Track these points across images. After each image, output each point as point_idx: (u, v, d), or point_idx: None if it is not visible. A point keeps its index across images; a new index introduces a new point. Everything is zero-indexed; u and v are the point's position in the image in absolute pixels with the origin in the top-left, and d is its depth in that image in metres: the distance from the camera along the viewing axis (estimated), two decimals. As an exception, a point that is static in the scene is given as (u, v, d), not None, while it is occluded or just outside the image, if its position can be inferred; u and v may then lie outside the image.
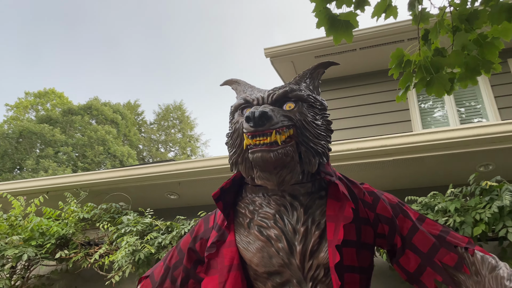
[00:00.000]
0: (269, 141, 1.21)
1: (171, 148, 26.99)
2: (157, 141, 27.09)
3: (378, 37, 5.36)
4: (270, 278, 1.26)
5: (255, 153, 1.20)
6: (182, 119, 27.36)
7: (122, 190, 4.03)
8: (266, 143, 1.20)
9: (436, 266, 1.27)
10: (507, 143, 3.06)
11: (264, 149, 1.19)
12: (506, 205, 2.42)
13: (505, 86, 4.95)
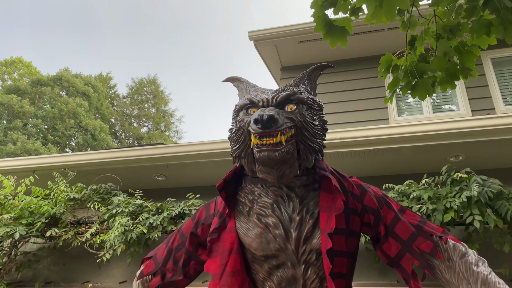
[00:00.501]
0: (275, 141, 1.37)
1: (145, 123, 26.68)
2: (130, 115, 26.69)
3: (360, 25, 5.54)
4: (266, 261, 1.40)
5: (261, 152, 1.32)
6: (156, 94, 26.97)
7: (111, 171, 4.12)
8: (272, 143, 1.37)
9: (414, 252, 1.43)
10: (476, 137, 3.34)
11: (270, 148, 1.32)
12: (474, 195, 2.70)
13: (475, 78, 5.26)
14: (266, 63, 6.54)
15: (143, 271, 1.61)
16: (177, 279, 1.58)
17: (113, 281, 4.01)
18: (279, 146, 1.33)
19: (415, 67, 2.18)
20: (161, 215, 3.45)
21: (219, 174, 4.08)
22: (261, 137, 1.33)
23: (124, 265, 4.03)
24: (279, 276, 1.39)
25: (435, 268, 1.42)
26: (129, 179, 4.20)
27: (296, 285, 1.38)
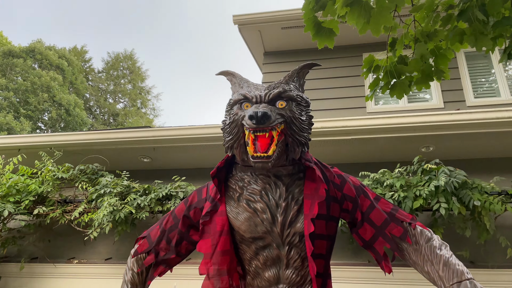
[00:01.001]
0: (267, 136, 1.53)
1: (120, 99, 26.27)
2: (106, 91, 26.19)
3: (341, 15, 5.71)
4: (254, 242, 1.54)
5: (257, 163, 1.47)
6: (132, 70, 26.51)
7: (97, 152, 4.21)
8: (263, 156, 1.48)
9: (386, 236, 1.58)
10: (446, 130, 3.61)
11: (264, 161, 1.47)
12: (441, 185, 2.96)
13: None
14: (249, 47, 6.64)
15: (137, 249, 1.72)
16: (170, 257, 1.71)
17: (99, 257, 4.15)
18: (270, 158, 1.46)
19: (394, 68, 2.37)
20: (149, 196, 3.59)
21: (204, 157, 4.25)
22: (255, 131, 1.47)
23: (109, 243, 4.18)
24: (264, 256, 1.54)
25: (404, 251, 1.58)
26: (114, 160, 4.29)
27: (280, 264, 1.54)
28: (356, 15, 1.64)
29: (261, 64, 6.86)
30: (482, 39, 2.08)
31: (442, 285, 1.40)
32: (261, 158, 1.45)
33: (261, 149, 1.47)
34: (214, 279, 1.53)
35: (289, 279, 1.52)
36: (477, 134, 3.61)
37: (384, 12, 1.60)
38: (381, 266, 1.62)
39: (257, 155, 1.46)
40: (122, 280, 1.71)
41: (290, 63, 6.32)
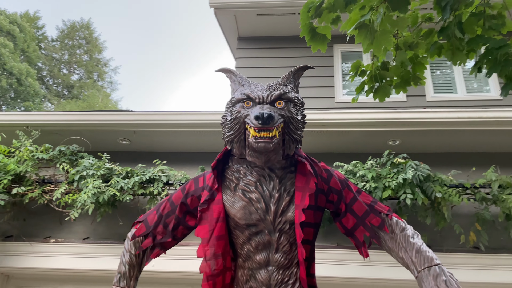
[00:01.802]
0: (271, 135, 1.72)
1: (76, 71, 25.27)
2: (60, 60, 25.06)
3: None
4: (248, 228, 1.71)
5: (259, 143, 1.60)
6: (89, 40, 25.48)
7: (75, 133, 4.22)
8: (268, 136, 1.68)
9: (366, 226, 1.78)
10: (411, 126, 3.95)
11: (267, 141, 1.63)
12: (409, 178, 3.29)
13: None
14: (224, 31, 6.70)
15: (135, 233, 1.86)
16: (166, 240, 1.87)
17: (76, 237, 4.21)
18: (273, 139, 1.63)
19: (378, 73, 2.62)
20: (132, 179, 3.70)
21: (185, 142, 4.37)
22: (260, 131, 1.63)
23: (87, 223, 4.24)
24: (257, 241, 1.71)
25: (381, 238, 1.77)
26: (92, 142, 4.32)
27: (270, 248, 1.72)
28: (363, 36, 1.84)
29: (235, 49, 6.96)
30: (458, 54, 2.36)
31: (415, 269, 1.59)
32: (263, 139, 1.60)
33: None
34: (211, 262, 1.69)
35: (278, 261, 1.71)
36: (438, 131, 3.98)
37: (386, 35, 1.82)
38: (360, 251, 1.83)
39: (260, 135, 1.61)
40: (119, 261, 1.84)
41: (263, 49, 6.47)
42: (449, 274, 1.51)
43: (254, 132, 1.64)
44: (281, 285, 1.72)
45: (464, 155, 4.25)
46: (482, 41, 2.32)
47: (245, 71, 6.34)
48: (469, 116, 3.84)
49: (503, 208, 3.45)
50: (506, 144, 4.11)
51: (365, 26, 1.78)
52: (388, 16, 1.76)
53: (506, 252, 3.71)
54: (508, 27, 2.43)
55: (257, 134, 1.64)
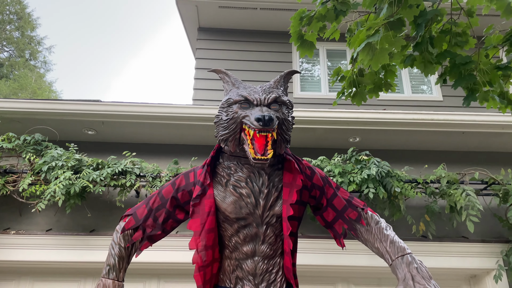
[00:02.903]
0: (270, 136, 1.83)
1: (5, 48, 23.43)
2: (-13, 36, 23.11)
3: (278, 2, 6.05)
4: (237, 222, 1.81)
5: (256, 164, 1.70)
6: (21, 16, 23.66)
7: (39, 121, 4.08)
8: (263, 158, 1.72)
9: (344, 219, 1.93)
10: (370, 125, 4.28)
11: (263, 162, 1.73)
12: (372, 173, 3.60)
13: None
14: (184, 20, 6.66)
15: (124, 226, 1.92)
16: (156, 233, 1.95)
17: (37, 228, 4.10)
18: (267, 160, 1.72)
19: (356, 79, 2.85)
20: (104, 170, 3.67)
21: (154, 134, 4.39)
22: (260, 131, 1.73)
23: (49, 214, 4.14)
24: (244, 233, 1.83)
25: (357, 230, 1.92)
26: (57, 130, 4.20)
27: (257, 240, 1.84)
28: (365, 53, 2.03)
29: (193, 38, 6.95)
30: (429, 66, 2.64)
31: (389, 258, 1.74)
32: (261, 160, 1.70)
33: (259, 151, 1.73)
34: (202, 253, 1.79)
35: (263, 252, 1.84)
36: (394, 130, 4.35)
37: (383, 53, 2.02)
38: (337, 241, 1.99)
39: (258, 157, 1.71)
40: (107, 254, 1.90)
41: (224, 42, 6.54)
42: (419, 262, 1.70)
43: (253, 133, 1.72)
44: (265, 274, 1.85)
45: (417, 153, 4.68)
46: (449, 56, 2.62)
47: (205, 62, 6.38)
48: (422, 118, 4.24)
49: (449, 201, 3.88)
50: (454, 144, 4.59)
51: (368, 44, 1.98)
52: (387, 36, 1.97)
53: (449, 240, 4.17)
54: (470, 44, 2.75)
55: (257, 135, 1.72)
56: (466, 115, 4.29)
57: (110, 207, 4.16)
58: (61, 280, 4.18)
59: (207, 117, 4.13)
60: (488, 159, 4.67)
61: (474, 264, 4.11)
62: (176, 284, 4.19)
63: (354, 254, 3.99)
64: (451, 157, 4.64)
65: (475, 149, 4.70)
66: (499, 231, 4.26)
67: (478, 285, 4.30)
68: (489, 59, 2.77)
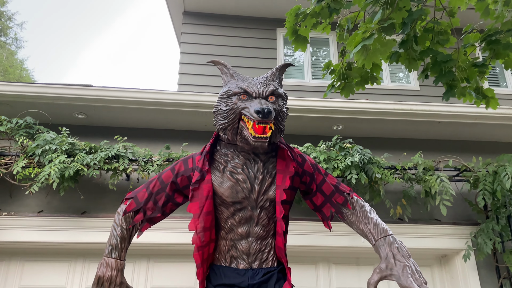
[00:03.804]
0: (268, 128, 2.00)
1: (-28, 23, 22.46)
2: (-46, 10, 22.08)
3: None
4: (233, 205, 1.96)
5: (257, 142, 1.82)
6: (-10, -11, 22.72)
7: (29, 105, 4.11)
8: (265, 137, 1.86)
9: (332, 203, 2.09)
10: (351, 114, 4.50)
11: (263, 140, 1.85)
12: (355, 160, 3.82)
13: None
14: (168, 3, 6.67)
15: (126, 209, 2.04)
16: (156, 215, 2.09)
17: (28, 210, 4.17)
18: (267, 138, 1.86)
19: (344, 72, 3.03)
20: (97, 154, 3.76)
21: (145, 119, 4.48)
22: (259, 123, 1.82)
23: (39, 196, 4.21)
24: (240, 216, 1.97)
25: (344, 214, 2.08)
26: (47, 114, 4.24)
27: (251, 222, 2.00)
28: (360, 54, 2.20)
29: (178, 23, 6.97)
30: (413, 62, 2.84)
31: (373, 239, 1.90)
32: (261, 138, 1.82)
33: (259, 132, 1.83)
34: (200, 234, 1.94)
35: (257, 233, 2.01)
36: (376, 119, 4.58)
37: (376, 53, 2.20)
38: (325, 223, 2.17)
39: (258, 135, 1.82)
40: (109, 235, 2.01)
41: (209, 27, 6.59)
42: (400, 242, 1.86)
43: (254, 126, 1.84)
44: (258, 253, 2.02)
45: (396, 141, 4.95)
46: (432, 53, 2.83)
47: (190, 46, 6.44)
48: (402, 108, 4.48)
49: (424, 186, 4.16)
50: (430, 132, 4.87)
51: (363, 46, 2.15)
52: (379, 38, 2.14)
53: (423, 222, 4.48)
54: (451, 43, 2.96)
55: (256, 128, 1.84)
56: (442, 106, 4.56)
57: (101, 190, 4.26)
58: (51, 260, 4.27)
59: (198, 104, 4.25)
60: (461, 147, 4.99)
61: (445, 245, 4.43)
62: (164, 264, 4.35)
63: (335, 236, 4.23)
64: (427, 145, 4.93)
65: (449, 138, 5.00)
66: (469, 215, 4.59)
67: (448, 264, 4.64)
68: (467, 56, 2.99)
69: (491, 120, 4.58)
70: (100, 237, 4.05)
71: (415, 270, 1.72)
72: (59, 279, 4.21)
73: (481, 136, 4.95)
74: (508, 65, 3.00)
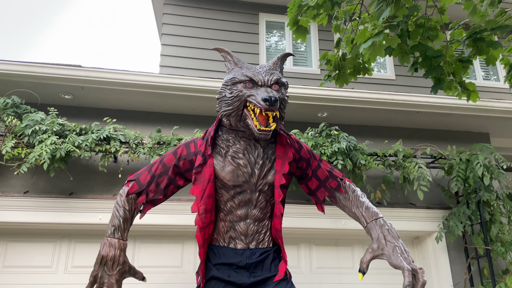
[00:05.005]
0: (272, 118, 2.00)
1: None
2: None
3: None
4: (233, 189, 2.06)
5: (262, 135, 1.90)
6: None
7: (13, 84, 4.01)
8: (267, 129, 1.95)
9: (326, 187, 2.22)
10: (336, 102, 4.67)
11: (267, 133, 1.90)
12: (342, 147, 3.99)
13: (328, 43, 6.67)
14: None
15: (128, 191, 2.12)
16: (158, 198, 2.19)
17: (13, 190, 4.12)
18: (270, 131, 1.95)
19: (339, 63, 3.16)
20: (89, 136, 3.75)
21: (134, 102, 4.48)
22: (266, 111, 1.91)
23: (25, 177, 4.15)
24: (239, 199, 2.08)
25: (337, 198, 2.21)
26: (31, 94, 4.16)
27: (250, 205, 2.11)
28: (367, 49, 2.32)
29: (159, 3, 6.88)
30: (405, 56, 3.01)
31: (365, 221, 2.04)
32: (265, 131, 1.91)
33: (262, 124, 1.93)
34: (202, 216, 2.04)
35: (255, 215, 2.13)
36: (359, 108, 4.77)
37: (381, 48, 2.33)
38: (318, 207, 2.31)
39: (262, 128, 1.91)
40: (111, 216, 2.09)
41: (192, 8, 6.54)
42: (389, 224, 2.02)
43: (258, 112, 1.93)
44: (255, 234, 2.15)
45: (378, 128, 5.17)
46: (423, 48, 3.00)
47: (172, 28, 6.39)
48: (384, 98, 4.68)
49: (403, 172, 4.40)
50: (409, 121, 5.12)
51: (373, 43, 2.27)
52: (385, 35, 2.27)
53: (399, 206, 4.74)
54: (440, 39, 3.15)
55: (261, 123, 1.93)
56: (421, 96, 4.79)
57: (88, 171, 4.26)
58: (36, 241, 4.25)
59: (188, 88, 4.28)
60: (437, 136, 5.28)
61: (419, 227, 4.72)
62: (150, 245, 4.41)
63: (316, 218, 4.43)
64: (406, 133, 5.18)
65: (427, 127, 5.27)
66: (442, 199, 4.90)
67: (420, 245, 4.95)
68: (452, 51, 3.19)
69: (465, 111, 4.86)
70: (87, 218, 4.08)
71: (403, 250, 1.87)
72: (44, 260, 4.21)
73: (455, 126, 5.25)
74: (489, 61, 3.22)
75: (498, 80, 7.21)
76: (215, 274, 2.07)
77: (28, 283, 4.07)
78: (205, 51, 6.23)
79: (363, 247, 4.83)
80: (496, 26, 2.94)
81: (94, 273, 1.97)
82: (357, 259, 4.75)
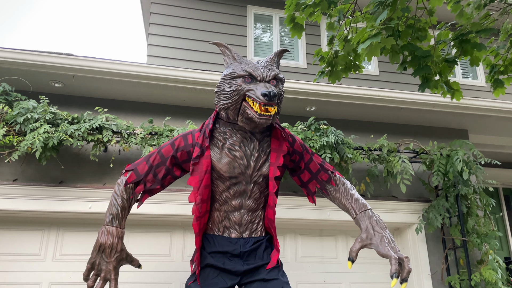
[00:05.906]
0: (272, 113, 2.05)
1: None
2: None
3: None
4: (229, 180, 2.13)
5: (262, 119, 1.96)
6: None
7: (4, 71, 3.97)
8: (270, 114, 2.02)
9: (318, 180, 2.31)
10: (323, 97, 4.78)
11: (267, 118, 1.98)
12: (331, 141, 4.12)
13: (315, 37, 6.77)
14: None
15: (127, 180, 2.17)
16: (155, 187, 2.25)
17: (2, 178, 4.09)
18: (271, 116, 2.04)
19: (332, 60, 3.27)
20: (81, 125, 3.75)
21: (125, 91, 4.49)
22: (265, 105, 1.97)
23: (14, 165, 4.13)
24: (234, 190, 2.16)
25: (327, 190, 2.29)
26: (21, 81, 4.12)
27: (244, 196, 2.19)
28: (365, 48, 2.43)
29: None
30: (395, 55, 3.14)
31: (354, 212, 2.12)
32: (265, 116, 1.97)
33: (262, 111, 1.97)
34: (199, 205, 2.12)
35: (249, 206, 2.23)
36: (345, 103, 4.90)
37: (377, 47, 2.44)
38: (310, 198, 2.41)
39: (262, 113, 1.96)
40: (109, 204, 2.13)
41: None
42: (377, 216, 2.11)
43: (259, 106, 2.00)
44: (249, 224, 2.25)
45: (363, 123, 5.33)
46: (412, 48, 3.13)
47: (161, 17, 6.37)
48: (370, 94, 4.83)
49: (387, 166, 4.57)
50: (393, 117, 5.29)
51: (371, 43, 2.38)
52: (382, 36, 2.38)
53: (382, 199, 4.92)
54: (428, 39, 3.29)
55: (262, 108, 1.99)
56: (405, 93, 4.96)
57: (78, 160, 4.26)
58: (24, 229, 4.24)
59: (177, 79, 4.31)
60: (420, 132, 5.47)
61: (400, 219, 4.91)
62: (140, 233, 4.46)
63: (301, 209, 4.57)
64: (390, 128, 5.36)
65: (410, 122, 5.45)
66: (422, 193, 5.10)
67: (400, 236, 5.15)
68: (439, 51, 3.33)
69: (446, 108, 5.05)
70: (76, 207, 4.09)
71: (390, 240, 1.98)
72: (33, 248, 4.21)
73: (437, 122, 5.45)
74: (473, 62, 3.39)
75: (476, 78, 7.47)
76: (210, 262, 2.16)
77: (16, 271, 4.08)
78: (194, 41, 6.25)
79: (346, 238, 5.00)
80: (481, 29, 3.09)
81: (92, 260, 2.00)
82: (340, 249, 4.92)
